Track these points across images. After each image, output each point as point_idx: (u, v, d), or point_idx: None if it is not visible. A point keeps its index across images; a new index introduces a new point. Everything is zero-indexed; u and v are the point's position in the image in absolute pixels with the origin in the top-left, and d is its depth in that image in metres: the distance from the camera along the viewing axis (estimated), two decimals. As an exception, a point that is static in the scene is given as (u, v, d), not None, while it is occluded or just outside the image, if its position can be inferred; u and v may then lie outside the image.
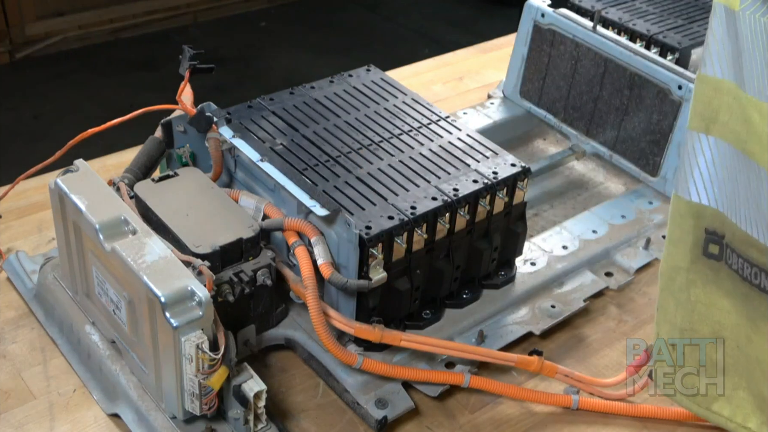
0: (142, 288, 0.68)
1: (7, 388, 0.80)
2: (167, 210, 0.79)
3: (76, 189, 0.76)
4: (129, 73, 3.23)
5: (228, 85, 3.09)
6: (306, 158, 0.86)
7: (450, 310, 0.88)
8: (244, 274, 0.77)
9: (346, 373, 0.80)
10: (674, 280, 0.66)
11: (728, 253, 0.62)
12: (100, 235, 0.72)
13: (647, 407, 0.82)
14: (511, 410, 0.82)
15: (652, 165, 1.08)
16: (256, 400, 0.71)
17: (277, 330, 0.84)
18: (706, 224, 0.63)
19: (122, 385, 0.77)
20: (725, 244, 0.62)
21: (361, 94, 0.98)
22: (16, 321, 0.87)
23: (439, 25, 3.77)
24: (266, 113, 0.92)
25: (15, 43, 3.20)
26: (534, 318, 0.89)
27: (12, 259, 0.92)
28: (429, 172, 0.85)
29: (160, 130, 0.92)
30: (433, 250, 0.83)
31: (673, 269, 0.66)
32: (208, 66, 0.90)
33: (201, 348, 0.67)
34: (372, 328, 0.78)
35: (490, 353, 0.83)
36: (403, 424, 0.79)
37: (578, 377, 0.83)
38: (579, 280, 0.95)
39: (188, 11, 3.63)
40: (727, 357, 0.65)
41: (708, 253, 0.63)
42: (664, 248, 0.68)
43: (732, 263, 0.61)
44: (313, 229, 0.78)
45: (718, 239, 0.62)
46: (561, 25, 1.12)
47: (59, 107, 2.95)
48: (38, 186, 1.01)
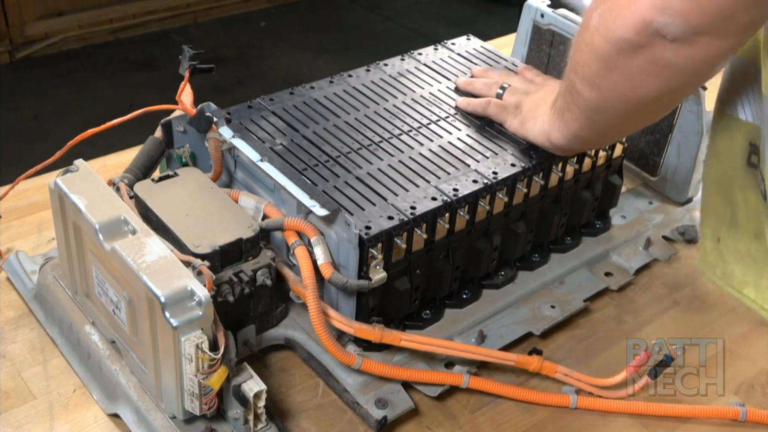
0: (142, 288, 0.68)
1: (7, 388, 0.80)
2: (167, 210, 0.79)
3: (76, 189, 0.76)
4: (129, 73, 3.23)
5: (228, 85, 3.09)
6: (306, 158, 0.86)
7: (450, 310, 0.88)
8: (244, 274, 0.77)
9: (345, 373, 0.80)
10: (723, 184, 0.77)
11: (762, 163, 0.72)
12: (99, 235, 0.72)
13: (647, 407, 0.82)
14: (511, 410, 0.82)
15: (652, 165, 1.08)
16: (256, 400, 0.71)
17: (277, 330, 0.84)
18: (751, 138, 0.72)
19: (122, 385, 0.77)
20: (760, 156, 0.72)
21: (361, 94, 0.98)
22: (16, 321, 0.87)
23: (439, 25, 3.77)
24: (266, 113, 0.92)
25: (15, 43, 3.21)
26: (534, 318, 0.90)
27: (12, 259, 0.92)
28: (429, 173, 0.86)
29: (160, 130, 0.92)
30: (433, 251, 0.83)
31: (722, 175, 0.77)
32: (208, 66, 0.90)
33: (201, 348, 0.67)
34: (372, 328, 0.78)
35: (490, 353, 0.83)
36: (403, 424, 0.79)
37: (578, 377, 0.83)
38: (579, 280, 0.95)
39: (188, 11, 3.63)
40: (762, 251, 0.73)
41: (750, 163, 0.72)
42: (708, 160, 0.79)
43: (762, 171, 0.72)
44: (312, 229, 0.79)
45: (757, 151, 0.72)
46: (560, 25, 1.12)
47: (59, 107, 2.95)
48: (38, 186, 1.01)
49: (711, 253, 0.78)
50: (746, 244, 0.75)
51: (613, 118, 0.77)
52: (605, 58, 0.69)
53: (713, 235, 0.78)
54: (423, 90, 1.00)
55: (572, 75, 0.76)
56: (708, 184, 0.78)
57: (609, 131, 0.83)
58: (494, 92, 0.95)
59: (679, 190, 1.07)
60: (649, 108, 0.75)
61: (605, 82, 0.71)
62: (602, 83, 0.72)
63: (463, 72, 1.04)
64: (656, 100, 0.73)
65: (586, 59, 0.71)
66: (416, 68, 1.04)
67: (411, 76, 1.03)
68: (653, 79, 0.68)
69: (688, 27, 0.62)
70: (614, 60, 0.68)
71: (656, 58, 0.66)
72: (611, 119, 0.78)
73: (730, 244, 0.76)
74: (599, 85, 0.72)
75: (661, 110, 0.80)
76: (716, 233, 0.77)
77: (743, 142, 0.72)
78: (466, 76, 1.03)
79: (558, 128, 0.83)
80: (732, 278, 0.77)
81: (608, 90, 0.72)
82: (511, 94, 0.93)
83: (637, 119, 0.81)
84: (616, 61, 0.68)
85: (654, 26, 0.63)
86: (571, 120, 0.80)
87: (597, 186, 0.98)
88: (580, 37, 0.72)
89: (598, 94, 0.73)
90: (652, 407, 0.82)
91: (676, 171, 1.06)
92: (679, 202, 1.08)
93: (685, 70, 0.67)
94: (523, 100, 0.91)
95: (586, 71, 0.72)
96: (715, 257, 0.78)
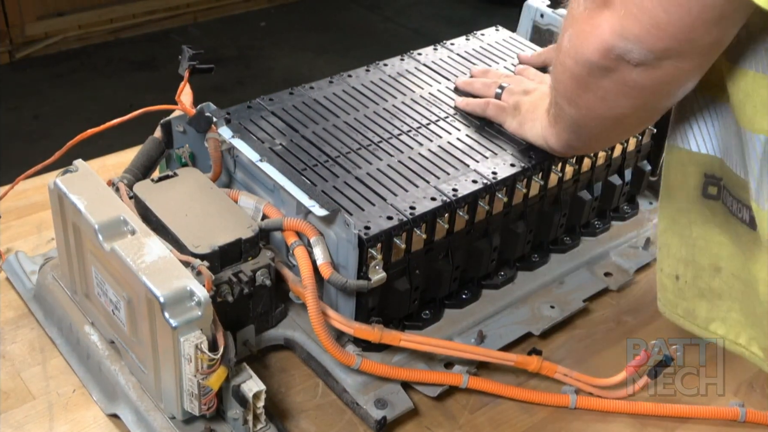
0: (141, 288, 0.68)
1: (6, 388, 0.80)
2: (166, 210, 0.79)
3: (76, 189, 0.76)
4: (129, 73, 3.23)
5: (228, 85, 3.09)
6: (305, 158, 0.86)
7: (449, 310, 0.88)
8: (244, 275, 0.77)
9: (345, 374, 0.80)
10: (677, 220, 0.75)
11: (725, 194, 0.70)
12: (99, 235, 0.72)
13: (646, 406, 0.82)
14: (511, 410, 0.82)
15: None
16: (256, 401, 0.71)
17: (277, 330, 0.84)
18: (705, 170, 0.71)
19: (121, 385, 0.77)
20: (722, 185, 0.70)
21: (361, 94, 0.98)
22: (15, 321, 0.87)
23: (439, 25, 3.77)
24: (266, 113, 0.92)
25: (15, 43, 3.21)
26: (533, 318, 0.89)
27: (11, 259, 0.92)
28: (428, 173, 0.85)
29: (160, 130, 0.92)
30: (433, 251, 0.83)
31: (675, 211, 0.75)
32: (208, 66, 0.90)
33: (200, 348, 0.67)
34: (371, 329, 0.78)
35: (490, 353, 0.83)
36: (403, 424, 0.79)
37: (577, 377, 0.83)
38: (579, 280, 0.95)
39: (188, 11, 3.63)
40: (723, 284, 0.72)
41: (707, 194, 0.72)
42: (662, 194, 0.77)
43: (726, 201, 0.70)
44: (312, 229, 0.79)
45: (716, 181, 0.71)
46: (560, 25, 1.12)
47: (59, 107, 2.95)
48: (38, 186, 1.01)
49: (671, 291, 0.77)
50: (707, 281, 0.74)
51: (595, 131, 0.78)
52: (577, 78, 0.70)
53: (671, 273, 0.77)
54: (423, 90, 1.00)
55: (554, 91, 0.77)
56: (662, 222, 0.77)
57: (596, 142, 0.85)
58: (493, 92, 0.95)
59: (678, 190, 1.07)
60: (628, 122, 0.76)
61: (581, 100, 0.72)
62: (579, 101, 0.73)
63: (462, 72, 1.04)
64: (632, 116, 0.73)
65: (563, 78, 0.72)
66: (416, 68, 1.04)
67: (411, 76, 1.03)
68: (624, 99, 0.69)
69: (650, 52, 0.62)
70: (586, 81, 0.69)
71: (624, 80, 0.66)
72: (594, 132, 0.78)
73: (689, 281, 0.76)
74: (576, 103, 0.73)
75: (642, 123, 0.82)
76: (673, 271, 0.77)
77: (697, 175, 0.72)
78: (465, 76, 1.03)
79: (552, 135, 0.84)
80: (695, 316, 0.76)
81: (585, 108, 0.73)
82: (510, 95, 0.94)
83: (620, 131, 0.82)
84: (587, 82, 0.69)
85: (616, 51, 0.63)
86: (561, 130, 0.82)
87: (597, 186, 0.98)
88: (556, 56, 0.73)
89: (577, 111, 0.75)
90: (651, 407, 0.82)
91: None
92: (679, 202, 1.08)
93: (654, 90, 0.67)
94: (522, 101, 0.91)
95: (563, 89, 0.74)
96: (675, 296, 0.77)
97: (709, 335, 0.75)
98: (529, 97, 0.91)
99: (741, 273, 0.70)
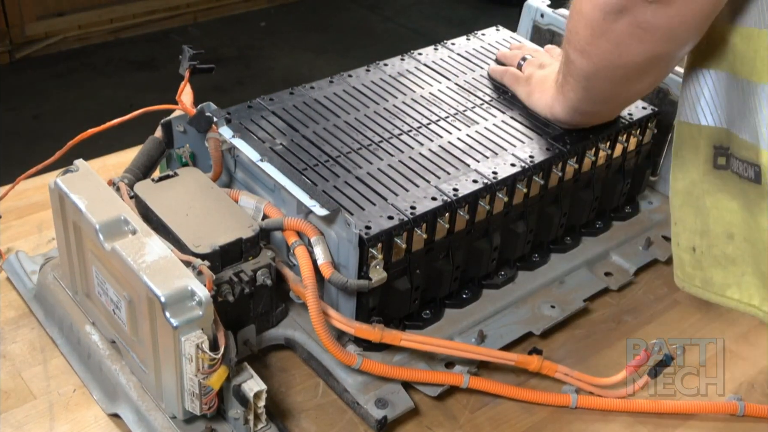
0: (142, 288, 0.68)
1: (7, 388, 0.80)
2: (167, 210, 0.79)
3: (76, 189, 0.76)
4: (129, 73, 3.23)
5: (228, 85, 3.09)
6: (306, 158, 0.86)
7: (450, 310, 0.88)
8: (244, 274, 0.77)
9: (345, 373, 0.80)
10: (692, 193, 0.78)
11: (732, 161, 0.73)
12: (100, 235, 0.72)
13: (646, 405, 0.82)
14: (511, 410, 0.82)
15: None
16: (256, 400, 0.71)
17: (277, 330, 0.84)
18: (714, 142, 0.75)
19: (122, 385, 0.77)
20: (730, 153, 0.73)
21: (361, 94, 0.98)
22: (16, 321, 0.87)
23: (439, 25, 3.77)
24: (266, 113, 0.92)
25: (15, 43, 3.20)
26: (534, 318, 0.90)
27: (12, 259, 0.92)
28: (429, 172, 0.86)
29: (160, 130, 0.92)
30: (433, 250, 0.83)
31: (689, 184, 0.78)
32: (208, 66, 0.90)
33: (201, 348, 0.67)
34: (372, 328, 0.78)
35: (490, 353, 0.83)
36: (403, 424, 0.79)
37: (578, 376, 0.83)
38: (579, 280, 0.95)
39: (188, 11, 3.63)
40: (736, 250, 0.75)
41: (717, 165, 0.75)
42: (673, 170, 0.79)
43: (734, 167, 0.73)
44: (312, 228, 0.79)
45: (724, 151, 0.74)
46: (560, 25, 1.12)
47: (59, 107, 2.95)
48: (38, 186, 1.01)
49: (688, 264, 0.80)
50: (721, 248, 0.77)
51: (605, 85, 0.82)
52: (592, 23, 0.74)
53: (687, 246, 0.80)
54: (423, 90, 1.00)
55: (566, 45, 0.81)
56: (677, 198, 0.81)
57: (605, 101, 0.88)
58: (516, 63, 1.01)
59: (679, 190, 1.07)
60: (638, 75, 0.80)
61: (594, 49, 0.76)
62: (591, 50, 0.77)
63: (463, 72, 1.05)
64: (643, 67, 0.78)
65: (577, 26, 0.77)
66: (416, 68, 1.04)
67: (411, 75, 1.03)
68: (637, 43, 0.73)
69: None
70: (600, 25, 0.73)
71: (638, 21, 0.70)
72: (604, 87, 0.83)
73: (705, 251, 0.79)
74: (589, 52, 0.77)
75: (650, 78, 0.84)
76: (690, 243, 0.80)
77: (707, 148, 0.76)
78: (466, 75, 1.04)
79: (559, 101, 0.89)
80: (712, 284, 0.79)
81: (597, 57, 0.77)
82: (528, 66, 0.99)
83: (629, 87, 0.85)
84: (602, 27, 0.73)
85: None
86: (568, 91, 0.86)
87: (597, 185, 0.98)
88: (572, 5, 0.77)
89: (588, 61, 0.79)
90: (651, 405, 0.82)
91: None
92: (679, 202, 1.08)
93: (666, 33, 0.71)
94: (535, 73, 0.97)
95: (577, 39, 0.78)
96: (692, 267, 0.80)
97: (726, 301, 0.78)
98: (542, 71, 0.96)
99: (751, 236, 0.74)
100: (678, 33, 0.72)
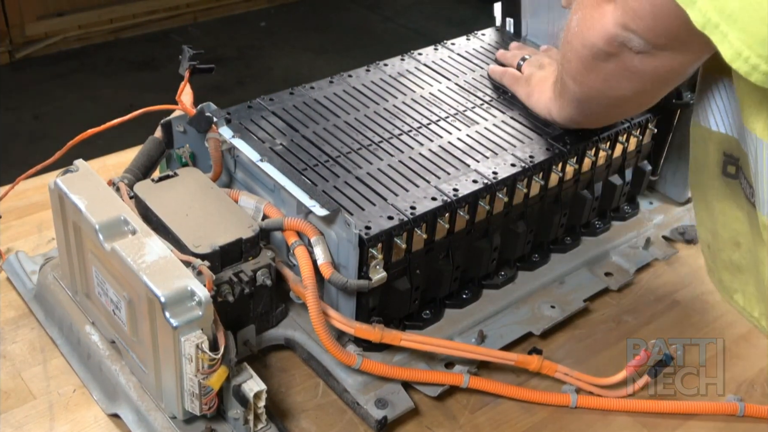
0: (142, 288, 0.68)
1: (7, 388, 0.80)
2: (167, 210, 0.79)
3: (76, 189, 0.76)
4: (129, 73, 3.23)
5: (228, 85, 3.09)
6: (306, 158, 0.86)
7: (450, 310, 0.88)
8: (244, 274, 0.77)
9: (345, 373, 0.80)
10: (704, 193, 0.79)
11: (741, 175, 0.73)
12: (99, 235, 0.72)
13: (646, 406, 0.82)
14: (511, 410, 0.82)
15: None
16: (256, 400, 0.71)
17: (277, 330, 0.84)
18: (724, 149, 0.74)
19: (122, 385, 0.77)
20: (739, 165, 0.73)
21: (361, 94, 0.98)
22: (16, 321, 0.87)
23: (439, 25, 3.77)
24: (266, 113, 0.92)
25: (15, 43, 3.21)
26: (534, 318, 0.90)
27: (12, 259, 0.92)
28: (429, 172, 0.86)
29: (160, 130, 0.92)
30: (433, 250, 0.83)
31: (701, 185, 0.79)
32: (208, 66, 0.90)
33: (201, 348, 0.67)
34: (372, 328, 0.78)
35: (490, 353, 0.83)
36: (403, 424, 0.79)
37: (578, 376, 0.83)
38: (579, 280, 0.95)
39: (188, 11, 3.63)
40: (742, 258, 0.76)
41: (726, 173, 0.75)
42: (690, 167, 0.80)
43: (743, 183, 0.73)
44: (312, 229, 0.79)
45: (734, 161, 0.74)
46: (561, 25, 1.12)
47: (59, 107, 2.95)
48: (38, 186, 1.01)
49: (707, 257, 0.81)
50: (729, 254, 0.77)
51: (598, 108, 0.84)
52: (583, 59, 0.75)
53: (704, 241, 0.81)
54: (423, 90, 1.00)
55: (561, 68, 0.82)
56: (693, 194, 0.82)
57: (596, 118, 0.90)
58: (515, 63, 1.01)
59: (679, 190, 1.07)
60: (628, 103, 0.82)
61: (586, 80, 0.77)
62: (583, 80, 0.78)
63: (462, 72, 1.04)
64: (632, 98, 0.79)
65: (570, 56, 0.77)
66: (416, 68, 1.04)
67: (411, 76, 1.03)
68: (626, 82, 0.74)
69: (648, 44, 0.67)
70: (591, 62, 0.74)
71: (626, 66, 0.71)
72: (597, 110, 0.85)
73: (716, 252, 0.79)
74: (581, 81, 0.78)
75: (641, 105, 0.86)
76: (706, 240, 0.81)
77: (716, 153, 0.75)
78: (466, 75, 1.04)
79: (556, 108, 0.90)
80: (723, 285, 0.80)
81: (589, 87, 0.78)
82: (527, 66, 1.00)
83: (621, 111, 0.88)
84: (592, 64, 0.74)
85: (619, 39, 0.69)
86: (565, 104, 0.87)
87: (597, 185, 0.98)
88: (565, 35, 0.78)
89: (581, 89, 0.80)
90: (651, 405, 0.82)
91: (676, 171, 1.06)
92: (679, 202, 1.08)
93: (654, 76, 0.72)
94: (535, 74, 0.97)
95: (570, 67, 0.79)
96: (710, 263, 0.81)
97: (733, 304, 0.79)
98: (542, 71, 0.97)
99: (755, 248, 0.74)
100: (667, 77, 0.73)
